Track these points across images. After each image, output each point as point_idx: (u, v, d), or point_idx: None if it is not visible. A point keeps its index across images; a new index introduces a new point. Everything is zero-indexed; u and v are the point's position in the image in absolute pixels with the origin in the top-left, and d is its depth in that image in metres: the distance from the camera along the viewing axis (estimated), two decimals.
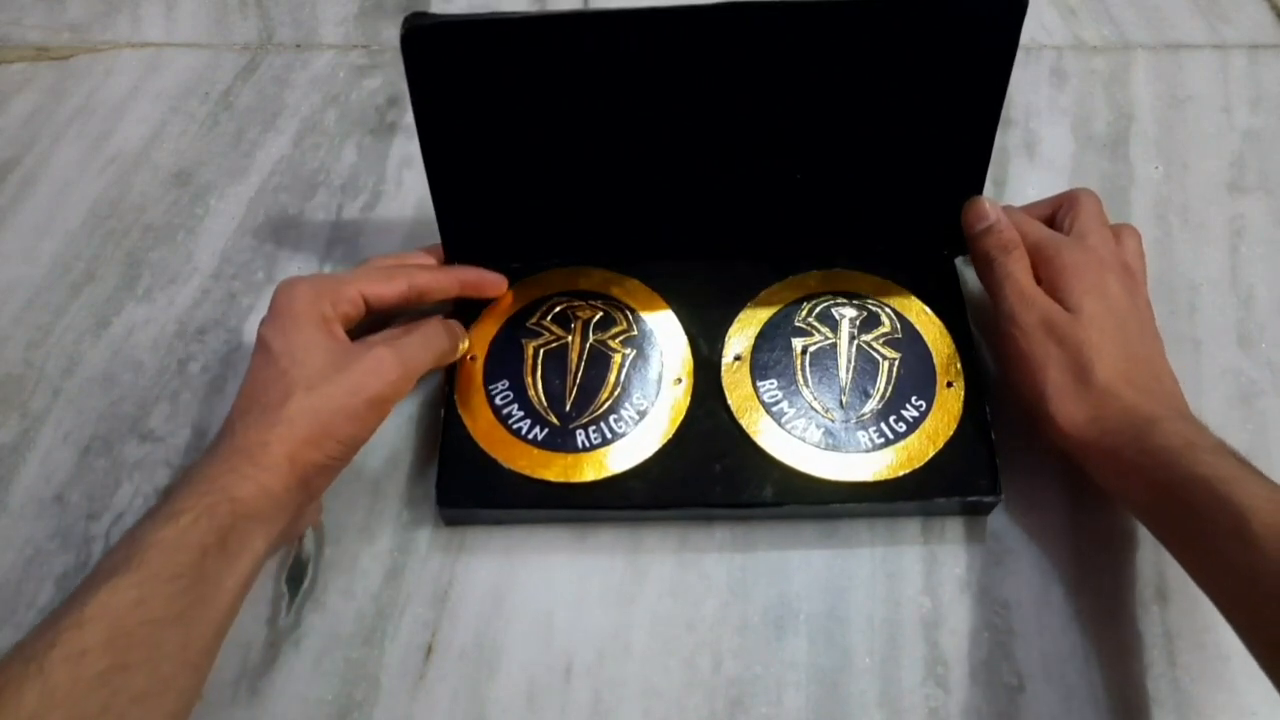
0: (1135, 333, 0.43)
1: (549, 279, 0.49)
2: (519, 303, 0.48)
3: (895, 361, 0.47)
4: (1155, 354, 0.43)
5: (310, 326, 0.41)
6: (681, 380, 0.46)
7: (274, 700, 0.40)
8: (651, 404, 0.46)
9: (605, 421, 0.45)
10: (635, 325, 0.48)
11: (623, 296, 0.49)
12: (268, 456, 0.38)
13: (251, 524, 0.37)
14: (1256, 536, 0.34)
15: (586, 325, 0.48)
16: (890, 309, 0.49)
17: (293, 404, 0.39)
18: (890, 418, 0.45)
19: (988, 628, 0.42)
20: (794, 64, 0.43)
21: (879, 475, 0.44)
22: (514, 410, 0.45)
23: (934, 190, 0.48)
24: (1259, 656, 0.34)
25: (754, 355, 0.47)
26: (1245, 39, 0.65)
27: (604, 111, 0.44)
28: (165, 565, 0.34)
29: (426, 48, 0.41)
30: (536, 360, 0.47)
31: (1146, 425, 0.39)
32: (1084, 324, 0.42)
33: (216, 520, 0.36)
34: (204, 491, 0.37)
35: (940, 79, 0.44)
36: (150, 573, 0.34)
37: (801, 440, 0.44)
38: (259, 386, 0.40)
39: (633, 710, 0.40)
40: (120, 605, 0.33)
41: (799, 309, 0.49)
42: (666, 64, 0.43)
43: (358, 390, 0.40)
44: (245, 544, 0.37)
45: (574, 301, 0.48)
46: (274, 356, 0.40)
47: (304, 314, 0.41)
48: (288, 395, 0.39)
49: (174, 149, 0.60)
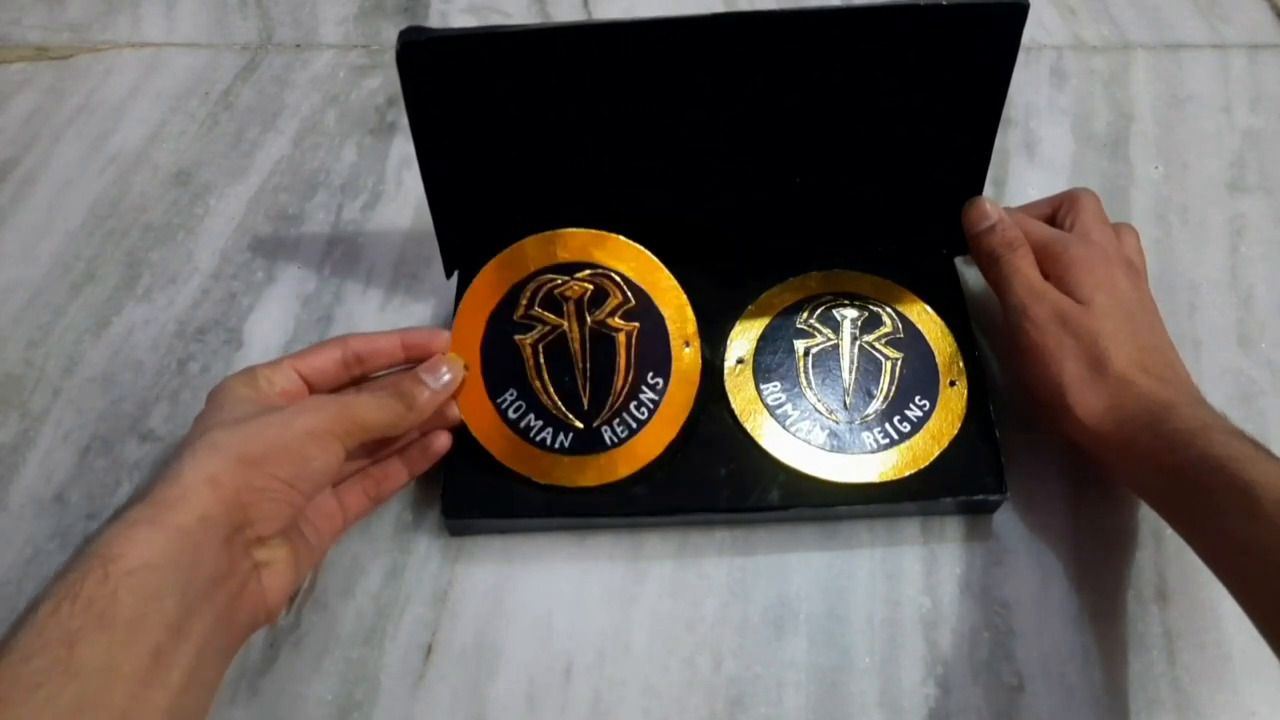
0: (1145, 324, 0.43)
1: (523, 254, 0.46)
2: (499, 290, 0.45)
3: (898, 362, 0.47)
4: (1166, 344, 0.43)
5: (240, 400, 0.38)
6: (690, 343, 0.45)
7: (274, 700, 0.40)
8: (668, 379, 0.45)
9: (626, 410, 0.44)
10: (630, 293, 0.46)
11: (607, 260, 0.46)
12: (175, 486, 0.33)
13: (146, 579, 0.30)
14: (1266, 513, 0.33)
15: (579, 305, 0.45)
16: (891, 309, 0.48)
17: (216, 432, 0.35)
18: (894, 418, 0.45)
19: (988, 628, 0.42)
20: (794, 70, 0.43)
21: (884, 476, 0.44)
22: (531, 421, 0.44)
23: (934, 192, 0.48)
24: (1268, 635, 0.34)
25: (756, 358, 0.47)
26: (1245, 39, 0.65)
27: (601, 124, 0.44)
28: (14, 683, 0.28)
29: (422, 61, 0.41)
30: (537, 358, 0.45)
31: (1163, 411, 0.39)
32: (1096, 315, 0.42)
33: (86, 595, 0.29)
34: (70, 567, 0.30)
35: (941, 83, 0.44)
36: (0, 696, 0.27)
37: (806, 443, 0.44)
38: (182, 441, 0.36)
39: (633, 710, 0.40)
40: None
41: (800, 311, 0.49)
42: (665, 77, 0.43)
43: (289, 423, 0.36)
44: (144, 609, 0.30)
45: (558, 279, 0.45)
46: (206, 409, 0.37)
47: (231, 391, 0.38)
48: (209, 428, 0.35)
49: (174, 149, 0.60)
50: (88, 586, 0.30)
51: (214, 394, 0.39)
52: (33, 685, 0.28)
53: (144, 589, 0.31)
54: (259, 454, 0.35)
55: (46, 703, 0.28)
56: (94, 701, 0.29)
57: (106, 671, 0.29)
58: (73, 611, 0.29)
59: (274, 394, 0.39)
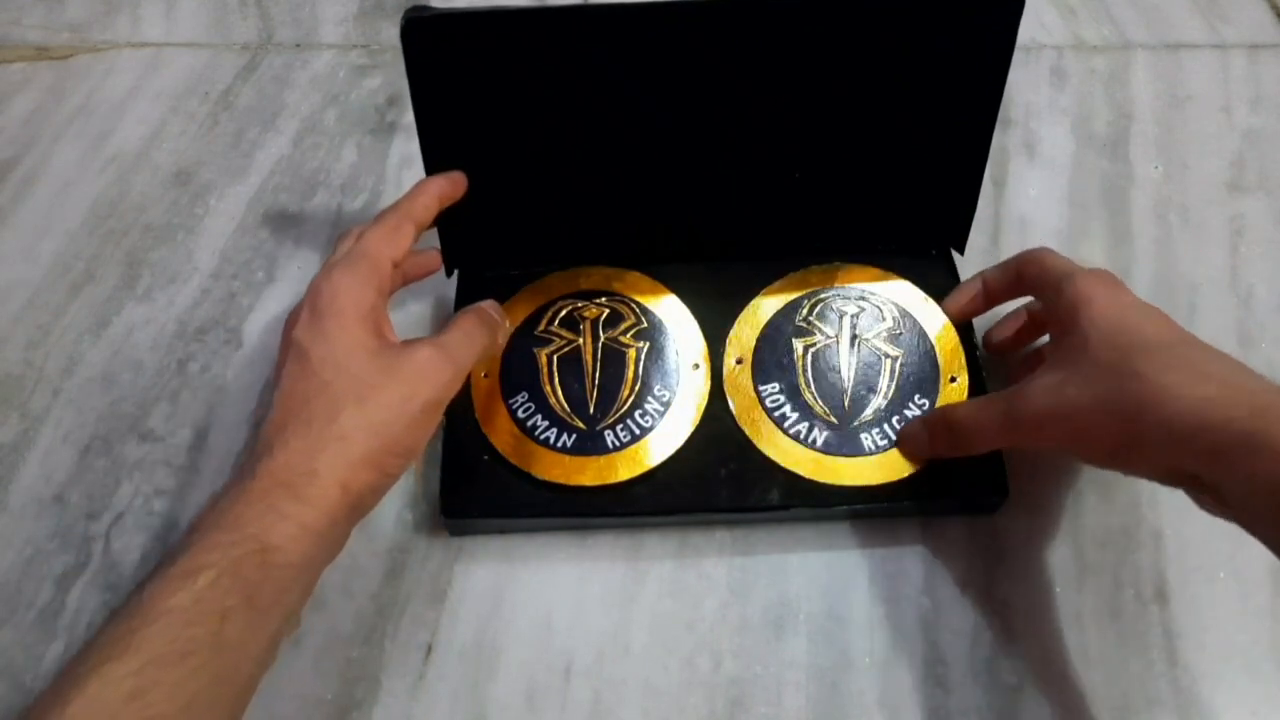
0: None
1: (550, 284, 0.49)
2: (523, 312, 0.48)
3: (898, 359, 0.46)
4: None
5: (357, 327, 0.37)
6: (699, 365, 0.46)
7: (274, 700, 0.40)
8: (674, 394, 0.45)
9: (631, 418, 0.45)
10: (643, 317, 0.48)
11: (625, 290, 0.49)
12: (315, 487, 0.33)
13: (288, 574, 0.33)
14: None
15: (595, 324, 0.47)
16: (892, 303, 0.48)
17: (345, 419, 0.35)
18: (894, 418, 0.45)
19: (988, 628, 0.42)
20: (792, 61, 0.43)
21: (884, 478, 0.43)
22: (538, 421, 0.45)
23: (932, 187, 0.48)
24: None
25: (755, 357, 0.47)
26: (1245, 39, 0.65)
27: (604, 106, 0.44)
28: (173, 644, 0.30)
29: (426, 40, 0.41)
30: (552, 368, 0.46)
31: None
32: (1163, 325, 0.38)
33: (243, 576, 0.31)
34: (230, 541, 0.32)
35: (938, 77, 0.44)
36: (153, 654, 0.29)
37: (804, 445, 0.44)
38: (297, 401, 0.35)
39: (632, 710, 0.40)
40: (112, 700, 0.28)
41: (799, 308, 0.48)
42: (665, 63, 0.43)
43: (411, 396, 0.36)
44: (278, 600, 0.32)
45: (578, 303, 0.48)
46: (312, 366, 0.36)
47: (349, 312, 0.37)
48: (336, 410, 0.35)
49: (174, 149, 0.60)
50: (245, 569, 0.32)
51: (325, 313, 0.37)
52: (186, 651, 0.30)
53: (282, 582, 0.33)
54: (383, 449, 0.36)
55: (194, 672, 0.30)
56: (229, 677, 0.31)
57: (241, 650, 0.31)
58: (230, 588, 0.31)
59: (384, 309, 0.39)
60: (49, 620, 0.42)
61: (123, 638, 0.29)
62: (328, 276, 0.38)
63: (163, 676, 0.29)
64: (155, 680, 0.29)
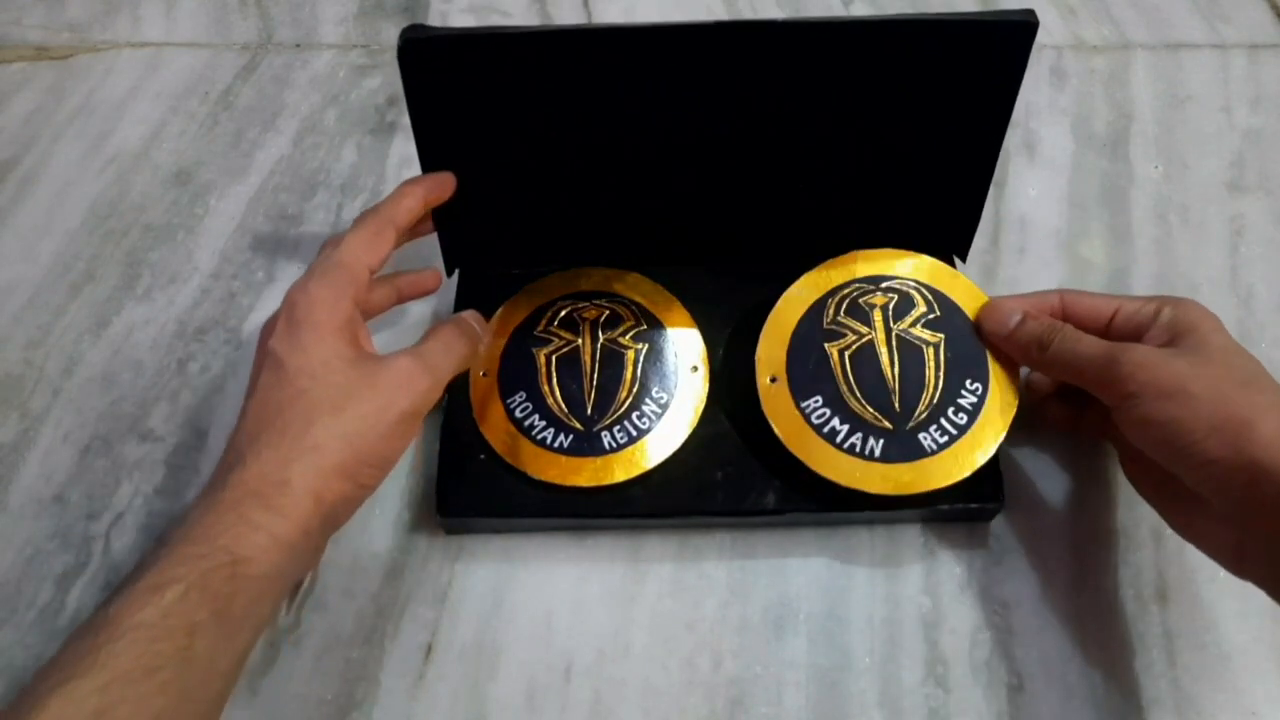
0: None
1: (549, 284, 0.49)
2: (523, 312, 0.48)
3: (939, 345, 0.44)
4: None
5: (333, 338, 0.37)
6: (698, 368, 0.46)
7: (274, 700, 0.40)
8: (672, 395, 0.45)
9: (629, 419, 0.44)
10: (643, 319, 0.48)
11: (625, 292, 0.49)
12: (287, 497, 0.33)
13: (258, 586, 0.32)
14: None
15: (594, 326, 0.47)
16: (921, 284, 0.45)
17: (319, 429, 0.34)
18: (949, 409, 0.42)
19: (988, 628, 0.42)
20: (800, 80, 0.42)
21: (951, 480, 0.41)
22: (535, 421, 0.44)
23: (937, 200, 0.48)
24: None
25: (789, 372, 0.43)
26: (1245, 39, 0.65)
27: (602, 127, 0.44)
28: (139, 659, 0.29)
29: (424, 60, 0.41)
30: (550, 368, 0.46)
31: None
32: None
33: (212, 590, 0.31)
34: (199, 554, 0.31)
35: (947, 98, 0.43)
36: (119, 671, 0.28)
37: (863, 458, 0.41)
38: (270, 410, 0.35)
39: (633, 710, 0.40)
40: (75, 719, 0.27)
41: (825, 308, 0.45)
42: (667, 83, 0.42)
43: (388, 406, 0.36)
44: (249, 613, 0.32)
45: (578, 304, 0.48)
46: (288, 375, 0.35)
47: (326, 323, 0.37)
48: (311, 419, 0.34)
49: (174, 149, 0.60)
50: (215, 582, 0.31)
51: (301, 323, 0.36)
52: (153, 667, 0.29)
53: (252, 595, 0.32)
54: (358, 459, 0.35)
55: (161, 688, 0.29)
56: (197, 693, 0.31)
57: (210, 665, 0.31)
58: (200, 601, 0.31)
59: (360, 319, 0.39)
60: (49, 620, 0.42)
61: (88, 654, 0.29)
62: (304, 288, 0.38)
63: (128, 693, 0.28)
64: (121, 697, 0.28)
